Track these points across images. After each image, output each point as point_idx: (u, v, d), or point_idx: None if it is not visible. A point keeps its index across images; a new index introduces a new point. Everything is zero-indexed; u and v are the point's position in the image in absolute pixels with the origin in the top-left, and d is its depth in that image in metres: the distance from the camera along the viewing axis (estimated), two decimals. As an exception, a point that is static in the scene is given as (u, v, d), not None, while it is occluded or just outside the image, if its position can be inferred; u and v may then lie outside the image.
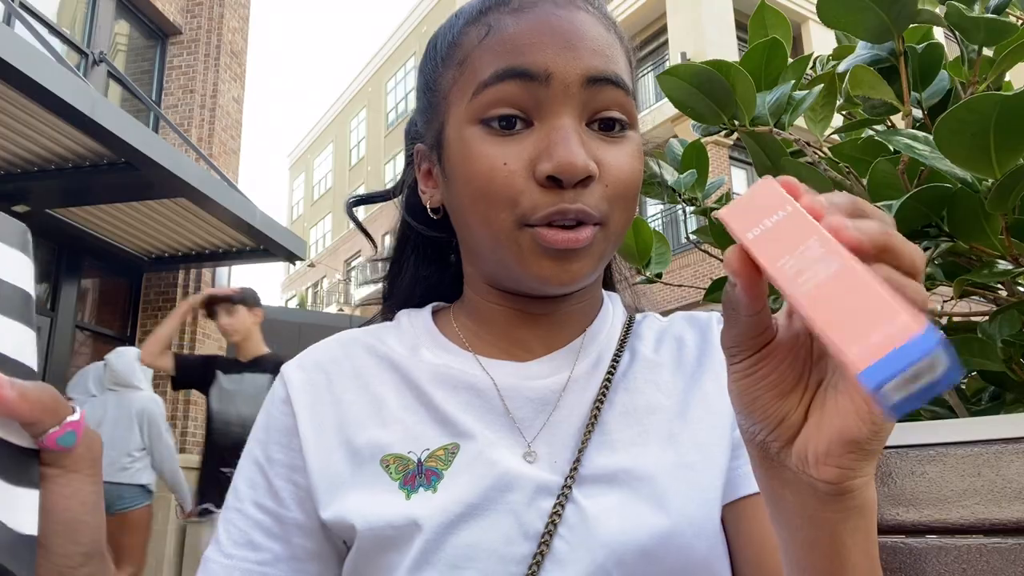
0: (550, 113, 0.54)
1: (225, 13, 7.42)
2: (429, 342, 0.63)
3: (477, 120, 0.55)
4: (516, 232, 0.54)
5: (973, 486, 0.64)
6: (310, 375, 0.62)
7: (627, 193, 0.56)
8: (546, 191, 0.53)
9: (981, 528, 0.64)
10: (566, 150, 0.52)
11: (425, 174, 0.65)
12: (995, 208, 0.69)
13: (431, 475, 0.56)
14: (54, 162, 4.87)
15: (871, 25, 0.81)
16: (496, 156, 0.54)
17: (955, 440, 0.66)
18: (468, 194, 0.56)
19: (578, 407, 0.59)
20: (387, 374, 0.62)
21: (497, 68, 0.54)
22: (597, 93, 0.55)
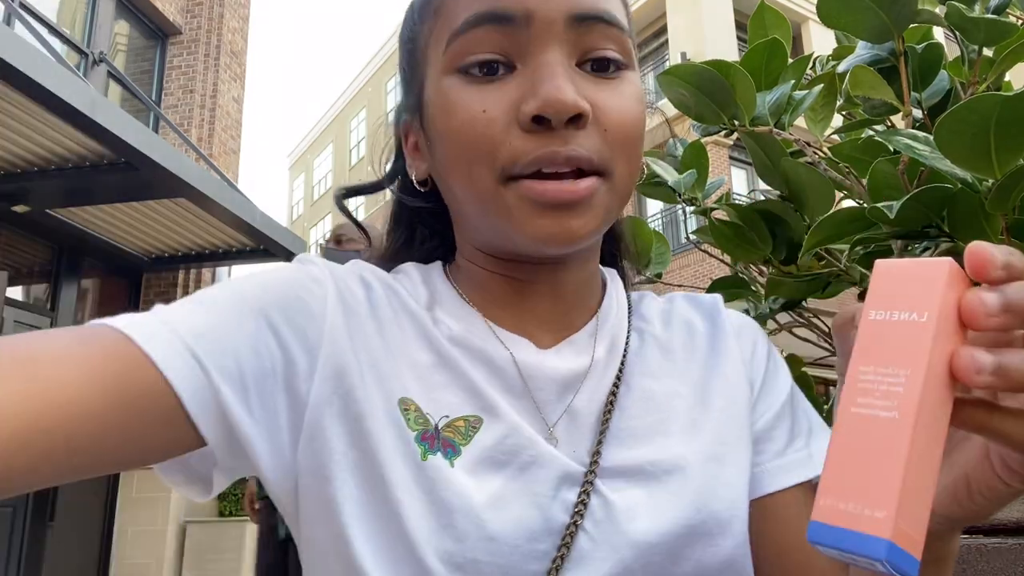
0: (533, 53, 0.48)
1: (225, 13, 7.42)
2: (444, 301, 0.57)
3: (454, 69, 0.50)
4: (501, 188, 0.48)
5: (973, 486, 0.64)
6: (338, 283, 0.53)
7: (629, 138, 0.50)
8: (531, 136, 0.47)
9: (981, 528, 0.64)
10: (551, 84, 0.46)
11: (412, 148, 0.59)
12: (995, 208, 0.69)
13: (447, 446, 0.49)
14: (54, 162, 4.87)
15: (871, 25, 0.81)
16: (474, 103, 0.48)
17: (955, 440, 0.66)
18: (447, 153, 0.51)
19: (597, 393, 0.55)
20: (410, 325, 0.54)
21: (470, 13, 0.49)
22: (586, 32, 0.49)
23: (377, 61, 27.37)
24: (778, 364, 0.62)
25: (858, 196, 0.94)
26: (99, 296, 6.59)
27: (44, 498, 5.58)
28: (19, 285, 5.80)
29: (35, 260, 5.88)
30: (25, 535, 5.39)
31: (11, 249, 5.62)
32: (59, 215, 5.59)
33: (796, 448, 0.58)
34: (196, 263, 6.66)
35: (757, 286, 1.11)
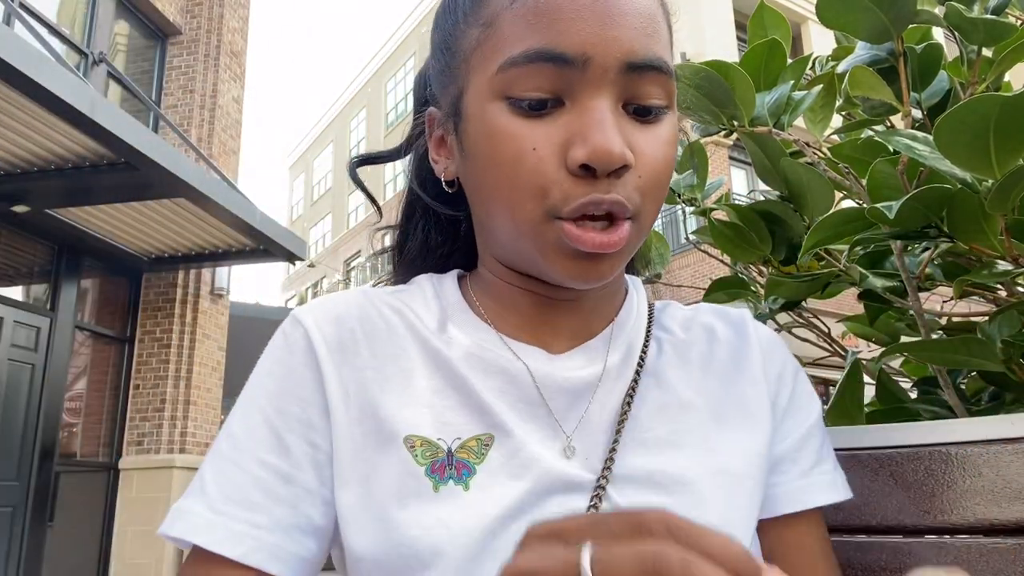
0: (583, 95, 0.49)
1: (225, 13, 7.42)
2: (456, 316, 0.57)
3: (503, 96, 0.50)
4: (543, 225, 0.50)
5: (973, 486, 0.64)
6: (336, 328, 0.55)
7: (661, 183, 0.52)
8: (578, 180, 0.48)
9: (981, 528, 0.64)
10: (602, 136, 0.47)
11: (438, 142, 0.59)
12: (995, 209, 0.69)
13: (462, 468, 0.50)
14: (54, 162, 4.87)
15: (870, 25, 0.81)
16: (524, 139, 0.49)
17: (955, 440, 0.66)
18: (492, 179, 0.51)
19: (610, 401, 0.55)
20: (416, 349, 0.55)
21: (529, 47, 0.48)
22: (637, 79, 0.49)
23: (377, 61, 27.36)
24: (806, 385, 0.62)
25: (857, 196, 0.94)
26: (99, 296, 6.59)
27: (44, 498, 5.58)
28: (19, 285, 5.80)
29: (35, 260, 5.88)
30: (25, 535, 5.39)
31: (11, 249, 5.62)
32: (59, 215, 5.59)
33: (823, 471, 0.58)
34: (196, 263, 6.66)
35: (757, 286, 1.11)
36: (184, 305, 6.75)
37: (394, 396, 0.53)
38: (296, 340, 0.54)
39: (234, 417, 0.53)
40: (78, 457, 6.19)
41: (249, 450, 0.51)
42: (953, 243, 0.77)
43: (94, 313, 6.48)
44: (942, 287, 0.93)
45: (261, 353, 0.57)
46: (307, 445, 0.52)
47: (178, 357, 6.60)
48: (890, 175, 0.81)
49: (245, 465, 0.50)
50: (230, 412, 0.54)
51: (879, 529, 0.68)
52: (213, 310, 7.04)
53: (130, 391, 6.56)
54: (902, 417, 0.92)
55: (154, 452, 6.32)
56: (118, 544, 6.11)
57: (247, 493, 0.50)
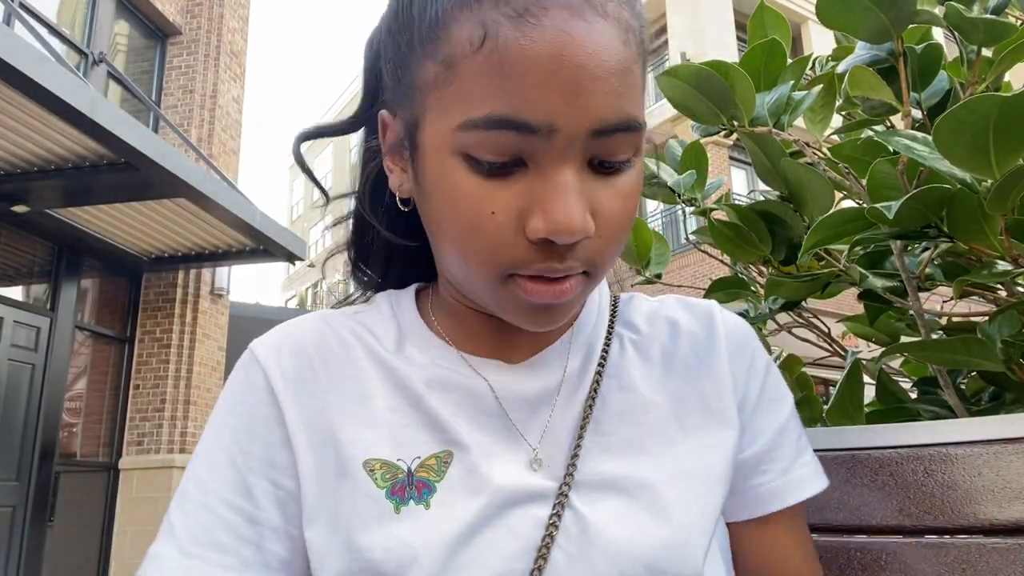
0: (547, 162, 0.46)
1: (225, 13, 7.42)
2: (413, 335, 0.58)
3: (462, 154, 0.47)
4: (497, 283, 0.49)
5: (973, 486, 0.64)
6: (294, 359, 0.55)
7: (620, 239, 0.51)
8: (535, 249, 0.47)
9: (981, 528, 0.64)
10: (563, 210, 0.45)
11: (393, 149, 0.55)
12: (994, 209, 0.69)
13: (423, 487, 0.51)
14: (54, 162, 4.87)
15: (870, 26, 0.81)
16: (483, 201, 0.47)
17: (955, 440, 0.66)
18: (447, 231, 0.50)
19: (572, 407, 0.55)
20: (374, 371, 0.56)
21: (492, 111, 0.45)
22: (605, 141, 0.47)
23: (377, 61, 27.33)
24: (776, 379, 0.62)
25: (857, 196, 0.95)
26: (99, 296, 6.59)
27: (44, 498, 5.58)
28: (19, 285, 5.80)
29: (35, 260, 5.88)
30: (25, 535, 5.39)
31: (11, 249, 5.63)
32: (59, 215, 5.59)
33: (803, 463, 0.58)
34: (196, 263, 6.67)
35: (757, 286, 1.11)
36: (184, 305, 6.75)
37: (353, 419, 0.53)
38: (254, 379, 0.55)
39: (198, 458, 0.54)
40: (78, 457, 6.19)
41: (214, 492, 0.52)
42: (953, 243, 0.77)
43: (94, 313, 6.48)
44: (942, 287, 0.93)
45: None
46: (270, 484, 0.53)
47: (178, 357, 6.60)
48: (890, 175, 0.81)
49: (212, 507, 0.52)
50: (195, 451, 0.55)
51: (879, 529, 0.68)
52: (213, 310, 7.04)
53: (130, 391, 6.56)
54: (902, 417, 0.92)
55: (154, 452, 6.32)
56: (118, 544, 6.11)
57: (215, 535, 0.51)
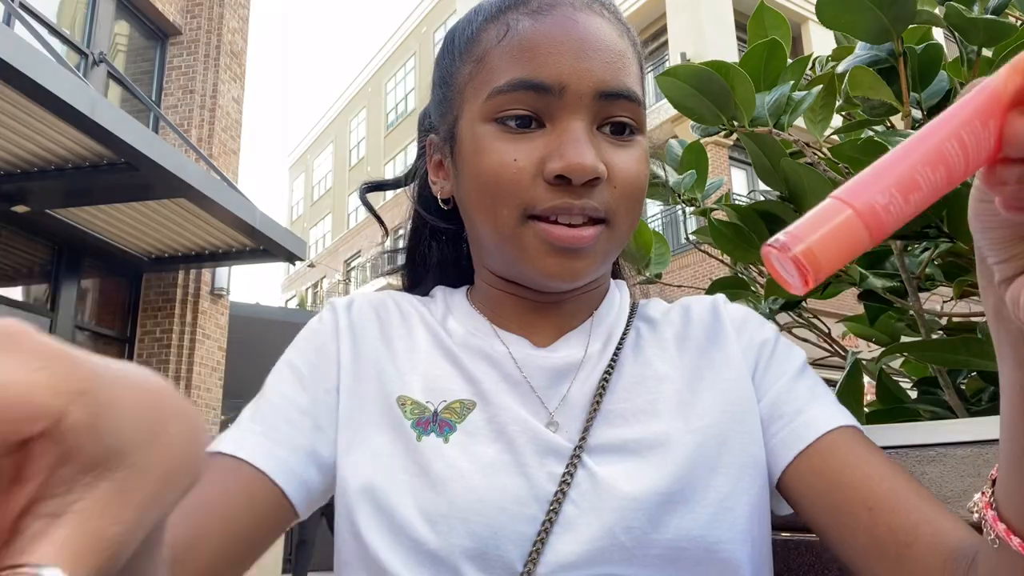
0: (561, 119, 0.56)
1: (225, 13, 7.42)
2: (458, 311, 0.66)
3: (491, 119, 0.57)
4: (520, 227, 0.57)
5: (973, 486, 0.64)
6: (359, 312, 0.65)
7: (634, 195, 0.58)
8: (553, 188, 0.55)
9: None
10: (576, 151, 0.54)
11: (436, 165, 0.67)
12: (994, 209, 0.69)
13: (444, 425, 0.57)
14: (54, 162, 4.87)
15: (870, 26, 0.81)
16: (507, 152, 0.56)
17: (955, 440, 0.66)
18: (476, 188, 0.58)
19: (590, 380, 0.60)
20: (421, 331, 0.64)
21: (513, 77, 0.56)
22: (608, 105, 0.57)
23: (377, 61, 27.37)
24: (783, 342, 0.65)
25: (858, 196, 0.94)
26: (99, 296, 6.59)
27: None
28: (19, 285, 5.80)
29: (35, 260, 5.88)
30: (25, 535, 5.39)
31: (11, 249, 5.63)
32: (59, 215, 5.60)
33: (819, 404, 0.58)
34: (196, 263, 6.67)
35: (757, 286, 1.11)
36: (184, 305, 6.75)
37: (397, 363, 0.62)
38: (325, 320, 0.65)
39: (271, 375, 0.62)
40: (78, 457, 6.19)
41: (277, 391, 0.60)
42: (953, 243, 0.77)
43: (94, 313, 6.48)
44: (942, 287, 0.93)
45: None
46: (323, 391, 0.60)
47: (178, 357, 6.60)
48: (890, 175, 0.81)
49: (273, 400, 0.59)
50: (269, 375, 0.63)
51: (879, 529, 0.68)
52: (213, 310, 7.04)
53: (130, 391, 6.55)
54: (902, 417, 0.92)
55: (154, 452, 6.32)
56: (118, 544, 6.11)
57: (272, 421, 0.58)
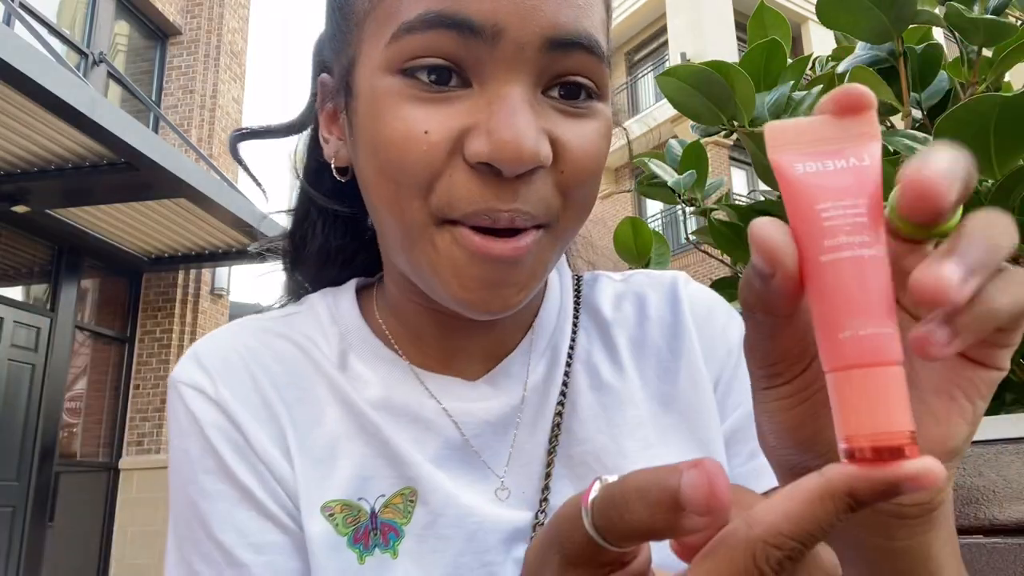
0: (494, 77, 0.40)
1: (225, 13, 7.42)
2: (359, 346, 0.50)
3: (396, 69, 0.41)
4: (432, 229, 0.42)
5: (973, 486, 0.64)
6: (231, 386, 0.47)
7: (587, 183, 0.43)
8: (476, 178, 0.40)
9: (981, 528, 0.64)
10: (511, 128, 0.39)
11: (329, 116, 0.50)
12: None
13: (388, 531, 0.45)
14: (54, 162, 4.87)
15: (870, 26, 0.81)
16: (415, 119, 0.40)
17: (955, 440, 0.66)
18: (375, 166, 0.42)
19: (541, 422, 0.49)
20: (323, 390, 0.48)
21: (427, 9, 0.39)
22: (561, 57, 0.41)
23: (377, 61, 27.30)
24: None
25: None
26: (99, 296, 6.59)
27: (44, 498, 5.58)
28: (19, 285, 5.80)
29: (35, 260, 5.88)
30: (25, 535, 5.39)
31: (11, 249, 5.62)
32: (59, 215, 5.59)
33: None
34: (196, 263, 6.66)
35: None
36: (184, 305, 6.75)
37: (307, 452, 0.46)
38: (198, 414, 0.47)
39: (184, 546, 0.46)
40: (78, 457, 6.19)
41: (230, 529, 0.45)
42: (953, 243, 0.77)
43: (94, 313, 6.48)
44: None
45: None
46: (275, 493, 0.46)
47: (178, 357, 6.58)
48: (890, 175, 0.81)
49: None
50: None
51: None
52: (213, 310, 7.04)
53: (130, 391, 6.56)
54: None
55: (154, 452, 6.32)
56: (118, 544, 6.11)
57: (263, 537, 0.45)
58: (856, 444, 0.23)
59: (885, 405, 0.23)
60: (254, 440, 0.46)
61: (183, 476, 0.46)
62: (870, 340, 0.24)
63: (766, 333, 0.26)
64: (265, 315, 0.53)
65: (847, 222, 0.25)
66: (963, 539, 0.64)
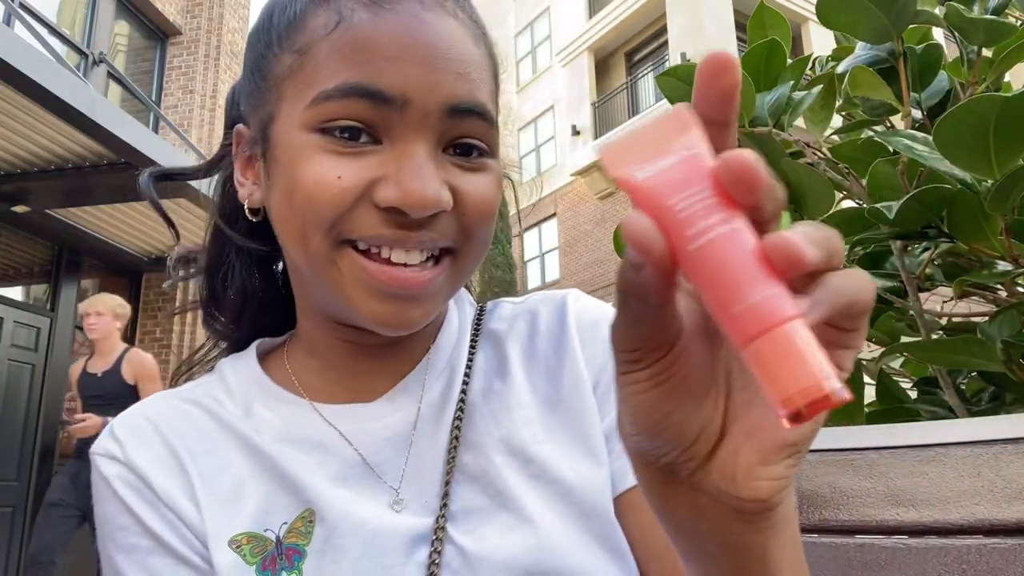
0: (402, 137, 0.47)
1: (225, 13, 7.42)
2: (261, 395, 0.55)
3: (314, 128, 0.47)
4: (334, 253, 0.47)
5: (973, 486, 0.64)
6: (138, 447, 0.52)
7: (484, 224, 0.50)
8: (384, 216, 0.46)
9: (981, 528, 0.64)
10: (417, 179, 0.45)
11: (245, 162, 0.55)
12: (995, 209, 0.69)
13: (292, 554, 0.49)
14: (54, 162, 4.87)
15: (870, 26, 0.81)
16: (331, 167, 0.46)
17: (955, 440, 0.66)
18: (287, 205, 0.48)
19: (438, 435, 0.53)
20: (227, 439, 0.53)
21: (344, 81, 0.46)
22: (459, 122, 0.48)
23: (377, 61, 27.27)
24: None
25: (857, 196, 0.95)
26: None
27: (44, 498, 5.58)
28: (19, 285, 5.80)
29: (35, 260, 5.88)
30: (25, 535, 5.39)
31: (11, 249, 5.62)
32: (59, 215, 5.59)
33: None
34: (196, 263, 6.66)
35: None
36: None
37: (214, 496, 0.51)
38: (112, 481, 0.52)
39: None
40: (78, 457, 6.19)
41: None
42: (953, 243, 0.77)
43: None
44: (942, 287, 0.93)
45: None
46: (186, 538, 0.50)
47: (178, 357, 6.60)
48: (890, 175, 0.81)
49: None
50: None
51: (880, 529, 0.68)
52: (213, 310, 7.04)
53: (130, 391, 6.57)
54: (902, 417, 0.92)
55: (154, 452, 6.33)
56: (118, 544, 6.11)
57: None
58: (790, 407, 0.24)
59: (799, 359, 0.24)
60: (162, 492, 0.51)
61: (103, 536, 0.52)
62: (760, 306, 0.25)
63: (635, 319, 0.28)
64: (177, 389, 0.58)
65: (698, 208, 0.26)
66: (962, 540, 0.64)
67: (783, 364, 0.24)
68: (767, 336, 0.25)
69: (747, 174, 0.25)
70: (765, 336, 0.25)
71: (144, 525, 0.50)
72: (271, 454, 0.52)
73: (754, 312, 0.25)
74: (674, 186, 0.27)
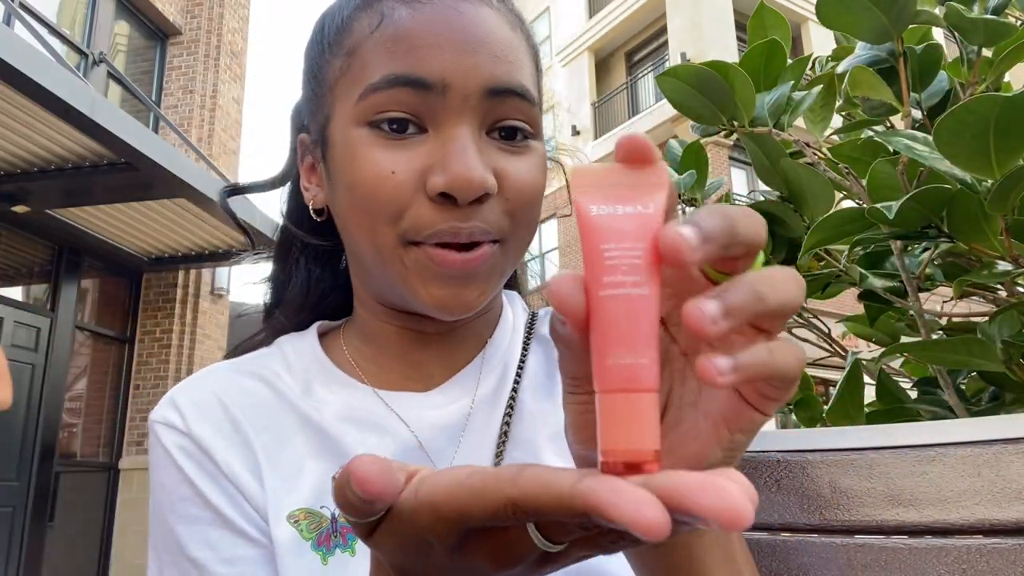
0: (446, 123, 0.49)
1: (225, 13, 7.42)
2: (322, 376, 0.57)
3: (365, 122, 0.50)
4: (401, 250, 0.50)
5: (973, 486, 0.64)
6: (201, 421, 0.53)
7: (530, 207, 0.52)
8: (437, 207, 0.49)
9: (981, 528, 0.64)
10: (462, 163, 0.47)
11: (309, 168, 0.59)
12: (995, 209, 0.69)
13: (347, 532, 0.50)
14: (54, 162, 4.87)
15: (870, 26, 0.81)
16: (383, 162, 0.49)
17: (955, 440, 0.66)
18: (350, 202, 0.51)
19: (489, 430, 0.55)
20: (288, 415, 0.55)
21: (388, 72, 0.49)
22: (499, 104, 0.50)
23: (377, 61, 27.27)
24: None
25: (857, 196, 0.95)
26: (99, 296, 6.59)
27: (44, 498, 5.58)
28: (19, 285, 5.80)
29: (35, 260, 5.88)
30: (25, 535, 5.39)
31: (11, 249, 5.62)
32: (59, 215, 5.59)
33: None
34: (196, 263, 6.66)
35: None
36: (184, 305, 6.75)
37: (275, 470, 0.52)
38: (171, 448, 0.53)
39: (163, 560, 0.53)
40: (78, 457, 6.19)
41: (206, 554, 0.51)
42: (953, 243, 0.77)
43: (94, 313, 6.48)
44: (942, 287, 0.93)
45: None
46: (243, 509, 0.52)
47: (178, 357, 6.60)
48: (890, 175, 0.81)
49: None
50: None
51: (879, 529, 0.68)
52: (213, 310, 7.04)
53: (130, 391, 6.56)
54: (902, 417, 0.92)
55: (154, 452, 6.32)
56: (118, 544, 6.11)
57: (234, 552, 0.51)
58: (610, 458, 0.27)
59: (638, 426, 0.27)
60: (224, 464, 0.52)
61: (162, 506, 0.53)
62: (629, 369, 0.28)
63: (568, 357, 0.31)
64: (236, 359, 0.60)
65: (625, 262, 0.28)
66: (962, 540, 0.64)
67: (622, 423, 0.27)
68: (622, 395, 0.27)
69: (677, 256, 0.27)
70: (621, 394, 0.27)
71: (204, 497, 0.51)
72: (333, 433, 0.53)
73: (621, 371, 0.28)
74: (616, 234, 0.28)
